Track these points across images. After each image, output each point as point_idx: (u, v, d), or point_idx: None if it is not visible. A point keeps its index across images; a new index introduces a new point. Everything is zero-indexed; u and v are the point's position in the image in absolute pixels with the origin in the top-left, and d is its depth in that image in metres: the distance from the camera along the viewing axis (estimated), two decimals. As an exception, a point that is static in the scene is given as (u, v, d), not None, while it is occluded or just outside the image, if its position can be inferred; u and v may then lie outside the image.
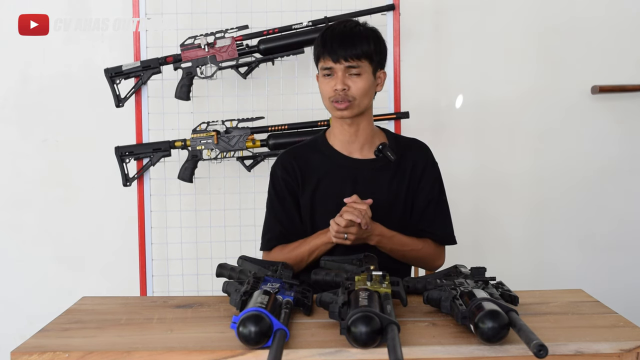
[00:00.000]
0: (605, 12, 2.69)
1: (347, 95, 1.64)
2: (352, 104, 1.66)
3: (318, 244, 1.67)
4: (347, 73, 1.64)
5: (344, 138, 1.74)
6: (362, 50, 1.65)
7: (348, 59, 1.63)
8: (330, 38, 1.66)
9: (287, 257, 1.69)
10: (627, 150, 2.74)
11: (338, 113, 1.68)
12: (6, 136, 2.65)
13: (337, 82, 1.64)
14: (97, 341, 1.20)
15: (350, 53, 1.63)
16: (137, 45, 2.35)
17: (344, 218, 1.55)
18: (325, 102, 1.70)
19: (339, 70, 1.64)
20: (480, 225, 2.71)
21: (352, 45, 1.64)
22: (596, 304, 1.39)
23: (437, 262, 1.77)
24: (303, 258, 1.69)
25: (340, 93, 1.64)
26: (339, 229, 1.57)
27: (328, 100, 1.68)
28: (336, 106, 1.66)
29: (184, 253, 2.49)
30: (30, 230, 2.68)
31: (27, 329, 1.40)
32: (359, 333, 1.07)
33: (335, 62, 1.64)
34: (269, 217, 1.79)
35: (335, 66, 1.64)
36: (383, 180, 1.72)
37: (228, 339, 1.16)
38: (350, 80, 1.65)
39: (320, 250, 1.67)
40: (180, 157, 2.39)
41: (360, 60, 1.64)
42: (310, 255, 1.68)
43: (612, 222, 2.75)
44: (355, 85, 1.65)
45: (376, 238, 1.63)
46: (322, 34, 1.70)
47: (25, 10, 2.40)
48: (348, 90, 1.64)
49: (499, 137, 2.73)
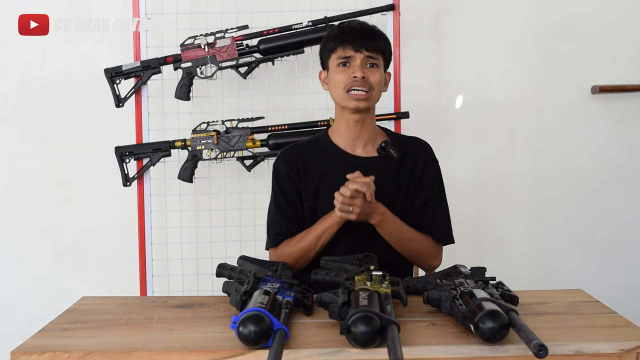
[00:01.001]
0: (605, 12, 2.69)
1: (367, 84, 1.65)
2: (370, 94, 1.66)
3: (324, 228, 1.66)
4: (365, 63, 1.66)
5: (348, 135, 1.74)
6: (380, 44, 1.68)
7: (369, 50, 1.65)
8: (349, 29, 1.68)
9: (295, 249, 1.69)
10: (627, 150, 2.74)
11: (354, 103, 1.66)
12: (6, 136, 2.65)
13: (356, 70, 1.64)
14: (97, 341, 1.19)
15: (371, 44, 1.66)
16: (137, 45, 2.35)
17: (349, 188, 1.55)
18: (338, 93, 1.68)
19: (358, 59, 1.65)
20: (480, 225, 2.71)
21: (373, 38, 1.67)
22: (596, 304, 1.39)
23: (433, 261, 1.76)
24: (311, 246, 1.67)
25: (360, 80, 1.64)
26: (344, 199, 1.56)
27: (343, 89, 1.66)
28: (354, 96, 1.65)
29: (184, 253, 2.49)
30: (30, 230, 2.68)
31: (27, 329, 1.40)
32: (359, 333, 1.07)
33: (356, 51, 1.65)
34: (274, 213, 1.77)
35: (356, 55, 1.65)
36: (386, 178, 1.72)
37: (228, 339, 1.16)
38: (368, 71, 1.66)
39: (327, 234, 1.66)
40: (180, 157, 2.39)
41: (378, 54, 1.67)
42: (318, 241, 1.66)
43: (612, 222, 2.75)
44: (373, 76, 1.66)
45: (378, 217, 1.62)
46: (337, 28, 1.71)
47: (25, 10, 2.40)
48: (367, 79, 1.65)
49: (498, 137, 2.73)
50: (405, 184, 1.74)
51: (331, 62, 1.70)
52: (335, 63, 1.68)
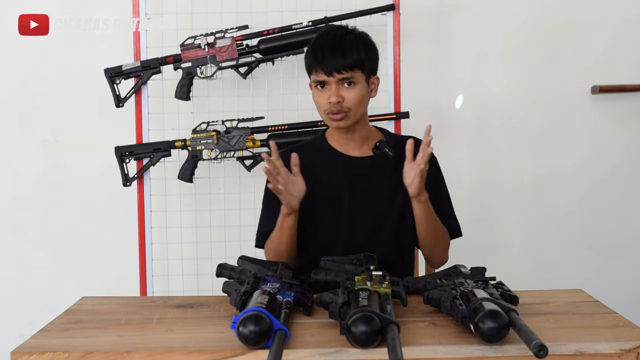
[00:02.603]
0: (605, 12, 2.69)
1: (342, 107, 1.63)
2: (348, 114, 1.65)
3: (280, 220, 1.64)
4: (340, 84, 1.63)
5: (342, 140, 1.75)
6: (354, 59, 1.62)
7: (340, 71, 1.61)
8: (320, 50, 1.63)
9: (271, 246, 1.70)
10: (627, 150, 2.74)
11: (334, 124, 1.67)
12: (6, 136, 2.65)
13: (331, 94, 1.62)
14: (97, 341, 1.20)
15: (342, 64, 1.61)
16: (137, 45, 2.35)
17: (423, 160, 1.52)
18: (320, 113, 1.69)
19: (332, 82, 1.62)
20: (480, 225, 2.70)
21: (343, 55, 1.61)
22: (596, 304, 1.39)
23: (445, 255, 1.76)
24: (279, 240, 1.66)
25: (335, 105, 1.62)
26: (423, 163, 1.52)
27: (323, 112, 1.67)
28: (332, 117, 1.65)
29: (184, 253, 2.48)
30: (30, 230, 2.68)
31: (27, 329, 1.40)
32: (359, 333, 1.08)
33: (328, 75, 1.61)
34: (263, 214, 1.79)
35: (328, 79, 1.62)
36: (382, 177, 1.72)
37: (228, 339, 1.16)
38: (344, 92, 1.63)
39: (284, 226, 1.63)
40: (180, 157, 2.39)
41: (353, 71, 1.62)
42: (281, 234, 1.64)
43: (612, 222, 2.75)
44: (349, 96, 1.63)
45: (425, 195, 1.60)
46: (312, 45, 1.67)
47: (25, 10, 2.39)
48: (343, 102, 1.63)
49: (498, 137, 2.73)
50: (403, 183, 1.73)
51: (311, 80, 1.68)
52: (313, 83, 1.67)
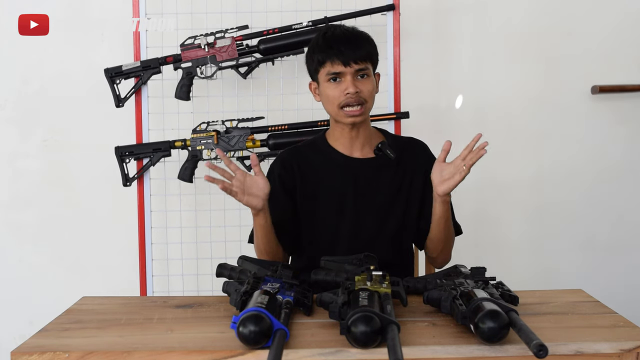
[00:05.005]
0: (605, 12, 2.69)
1: (360, 98, 1.61)
2: (364, 107, 1.64)
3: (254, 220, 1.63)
4: (355, 76, 1.61)
5: (344, 140, 1.73)
6: (367, 51, 1.63)
7: (357, 61, 1.60)
8: (334, 41, 1.62)
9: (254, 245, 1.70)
10: (627, 150, 2.74)
11: (350, 119, 1.64)
12: (6, 136, 2.65)
13: (348, 85, 1.60)
14: (97, 341, 1.20)
15: (358, 54, 1.60)
16: (137, 45, 2.35)
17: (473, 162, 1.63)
18: (332, 109, 1.65)
19: (348, 73, 1.60)
20: (481, 225, 2.70)
21: (358, 46, 1.61)
22: (596, 304, 1.39)
23: (450, 255, 1.76)
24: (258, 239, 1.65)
25: (354, 96, 1.60)
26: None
27: (337, 106, 1.63)
28: (348, 112, 1.62)
29: (184, 253, 2.48)
30: (30, 231, 2.68)
31: (27, 329, 1.40)
32: (359, 333, 1.08)
33: (346, 66, 1.60)
34: None
35: (346, 69, 1.60)
36: (384, 179, 1.72)
37: (228, 339, 1.16)
38: (359, 84, 1.62)
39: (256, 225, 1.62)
40: (180, 157, 2.39)
41: (366, 62, 1.62)
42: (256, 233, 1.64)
43: (612, 222, 2.75)
44: (365, 88, 1.62)
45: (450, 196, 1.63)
46: (321, 38, 1.65)
47: (25, 10, 2.39)
48: (360, 93, 1.61)
49: (498, 138, 2.72)
50: (406, 184, 1.74)
51: (320, 76, 1.65)
52: (325, 78, 1.64)
